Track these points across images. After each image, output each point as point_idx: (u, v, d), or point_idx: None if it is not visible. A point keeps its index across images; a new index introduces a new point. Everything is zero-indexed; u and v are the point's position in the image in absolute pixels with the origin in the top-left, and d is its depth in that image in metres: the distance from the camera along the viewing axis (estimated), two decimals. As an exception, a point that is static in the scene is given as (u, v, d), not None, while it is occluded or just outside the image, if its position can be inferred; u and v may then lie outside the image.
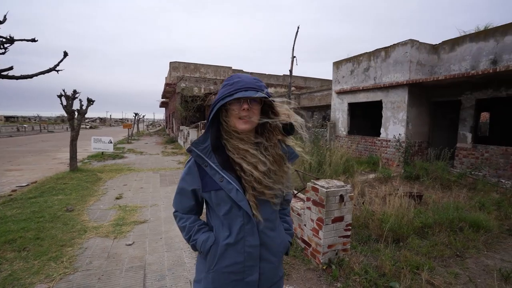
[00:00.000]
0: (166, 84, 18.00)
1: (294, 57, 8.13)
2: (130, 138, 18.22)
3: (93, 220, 3.96)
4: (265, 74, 25.21)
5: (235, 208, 1.03)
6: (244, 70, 24.14)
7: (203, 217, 1.20)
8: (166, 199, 5.13)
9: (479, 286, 2.43)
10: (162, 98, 23.92)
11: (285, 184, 1.11)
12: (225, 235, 1.07)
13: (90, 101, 7.48)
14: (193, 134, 11.48)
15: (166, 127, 28.70)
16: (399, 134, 8.32)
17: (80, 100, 7.30)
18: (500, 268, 2.63)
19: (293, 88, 16.26)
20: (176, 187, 1.16)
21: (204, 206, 1.18)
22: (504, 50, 6.98)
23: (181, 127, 15.47)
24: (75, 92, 6.96)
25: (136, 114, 24.57)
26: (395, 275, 2.52)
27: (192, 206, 1.16)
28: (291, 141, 1.13)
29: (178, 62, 21.43)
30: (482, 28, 8.24)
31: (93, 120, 47.77)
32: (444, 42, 8.58)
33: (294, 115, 1.10)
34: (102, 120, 50.35)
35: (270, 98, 1.04)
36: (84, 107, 7.38)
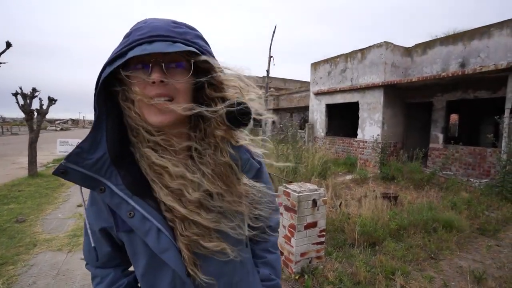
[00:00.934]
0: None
1: (271, 56, 8.03)
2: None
3: (47, 231, 3.56)
4: (244, 75, 25.10)
5: (157, 265, 0.60)
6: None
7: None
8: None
9: (454, 290, 2.37)
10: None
11: (250, 208, 0.67)
12: None
13: (51, 100, 6.92)
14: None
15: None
16: (375, 135, 8.44)
17: (40, 99, 6.72)
18: (473, 270, 2.60)
19: (272, 90, 16.21)
20: None
21: None
22: (471, 54, 7.27)
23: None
24: (34, 90, 6.39)
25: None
26: (370, 282, 2.40)
27: (109, 256, 0.68)
28: (245, 137, 0.66)
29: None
30: (451, 33, 8.57)
31: (65, 121, 45.27)
32: (416, 45, 8.83)
33: (252, 88, 0.63)
34: (75, 122, 47.88)
35: (206, 58, 0.55)
36: (44, 107, 6.80)
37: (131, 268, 0.70)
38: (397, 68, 8.88)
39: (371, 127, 8.76)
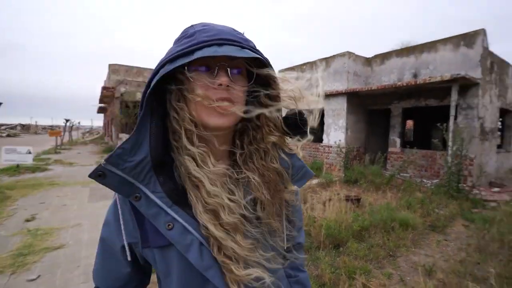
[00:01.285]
0: (104, 88, 16.40)
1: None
2: (59, 147, 16.01)
3: (-13, 251, 3.17)
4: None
5: (198, 284, 0.54)
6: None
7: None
8: (93, 217, 4.45)
9: (409, 283, 2.53)
10: (100, 103, 21.74)
11: (290, 223, 0.65)
12: None
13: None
14: (134, 142, 10.54)
15: (105, 135, 26.17)
16: (340, 140, 8.84)
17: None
18: (425, 264, 2.81)
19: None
20: (106, 203, 0.63)
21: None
22: (422, 66, 7.98)
23: (121, 135, 14.17)
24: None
25: (67, 120, 21.79)
26: (334, 283, 2.48)
27: (125, 277, 0.61)
28: (297, 146, 0.64)
29: (119, 64, 19.80)
30: (405, 45, 9.35)
31: (12, 127, 41.05)
32: (376, 56, 9.48)
33: (308, 96, 0.60)
34: (25, 127, 43.58)
35: (266, 70, 0.55)
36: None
37: None
38: (359, 76, 9.44)
39: (335, 133, 9.17)
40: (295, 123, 0.60)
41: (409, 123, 15.28)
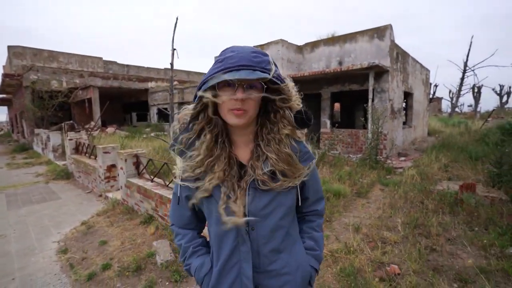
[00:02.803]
0: (5, 75, 13.63)
1: (175, 49, 7.77)
2: None
3: None
4: (144, 67, 23.14)
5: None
6: (118, 62, 21.38)
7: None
8: (19, 225, 3.93)
9: (342, 240, 3.06)
10: (0, 93, 18.05)
11: (304, 186, 0.91)
12: (216, 260, 0.87)
13: None
14: (56, 138, 9.27)
15: (13, 132, 21.99)
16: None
17: None
18: (353, 223, 3.42)
19: (176, 82, 15.61)
20: (32, 208, 0.81)
21: None
22: (345, 54, 8.97)
23: (37, 131, 12.20)
24: None
25: (-44, 116, 17.56)
26: (284, 250, 2.84)
27: (188, 218, 0.95)
28: (303, 136, 0.90)
29: (23, 47, 16.65)
30: (331, 35, 10.29)
31: None
32: (306, 44, 10.20)
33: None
34: None
35: (276, 80, 0.76)
36: None
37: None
38: (292, 63, 10.07)
39: (275, 117, 9.70)
40: (302, 119, 0.84)
41: (337, 105, 17.09)
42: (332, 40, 9.36)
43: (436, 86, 23.80)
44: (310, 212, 0.99)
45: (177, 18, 8.58)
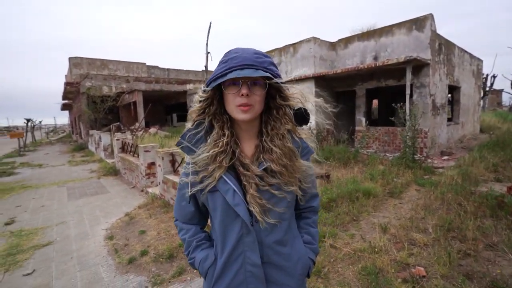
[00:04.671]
0: (67, 84, 15.48)
1: (208, 53, 8.14)
2: (22, 149, 15.09)
3: (-27, 255, 3.22)
4: (183, 70, 24.37)
5: (231, 215, 0.86)
6: (160, 66, 22.83)
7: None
8: (76, 214, 4.53)
9: (367, 239, 3.02)
10: (63, 99, 20.49)
11: (302, 181, 0.92)
12: (220, 251, 0.91)
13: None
14: (106, 139, 10.32)
15: (73, 133, 24.82)
16: (310, 123, 9.29)
17: None
18: (381, 223, 3.33)
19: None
20: (87, 200, 1.00)
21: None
22: (381, 49, 8.56)
23: (91, 132, 13.67)
24: None
25: (28, 120, 20.39)
26: (306, 246, 2.90)
27: (192, 214, 0.98)
28: (304, 132, 0.94)
29: (80, 57, 18.73)
30: (366, 29, 9.89)
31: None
32: (340, 40, 9.94)
33: (311, 98, 0.92)
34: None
35: (277, 80, 0.81)
36: None
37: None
38: (324, 61, 9.89)
39: (306, 116, 9.62)
40: (301, 117, 0.90)
41: (375, 102, 16.27)
42: (367, 35, 8.99)
43: (494, 77, 21.35)
44: (307, 209, 1.04)
45: (210, 23, 8.98)
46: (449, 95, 9.78)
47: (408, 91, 7.01)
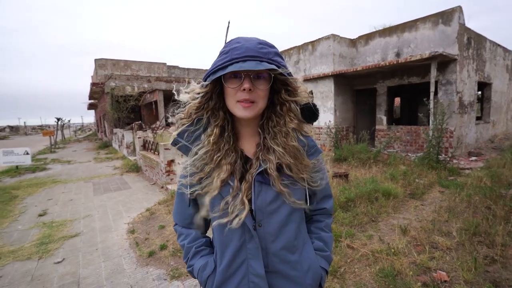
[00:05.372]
0: (93, 84, 16.25)
1: (228, 52, 8.19)
2: (53, 146, 16.04)
3: (9, 243, 3.48)
4: (203, 69, 24.77)
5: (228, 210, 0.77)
6: (180, 66, 23.33)
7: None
8: (101, 208, 4.77)
9: (386, 241, 2.94)
10: (89, 99, 21.53)
11: (310, 181, 0.83)
12: (220, 259, 0.82)
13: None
14: (128, 137, 10.73)
15: (98, 131, 26.02)
16: (329, 121, 9.18)
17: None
18: (401, 225, 3.23)
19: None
20: (111, 195, 0.93)
21: None
22: (404, 45, 8.25)
23: (115, 130, 14.26)
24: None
25: (58, 119, 21.62)
26: (322, 246, 2.88)
27: (192, 217, 0.90)
28: (311, 130, 0.86)
29: (105, 59, 19.55)
30: (387, 25, 9.55)
31: (1, 129, 40.30)
32: (360, 37, 9.68)
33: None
34: (14, 129, 42.75)
35: (283, 70, 0.73)
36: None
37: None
38: (344, 58, 9.67)
39: (325, 114, 9.49)
40: (309, 113, 0.82)
41: (397, 100, 15.69)
42: (389, 31, 8.69)
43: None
44: (318, 211, 0.94)
45: (229, 22, 9.05)
46: (479, 92, 9.25)
47: (432, 89, 6.71)
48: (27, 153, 9.03)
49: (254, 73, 0.73)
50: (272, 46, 0.77)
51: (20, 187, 6.58)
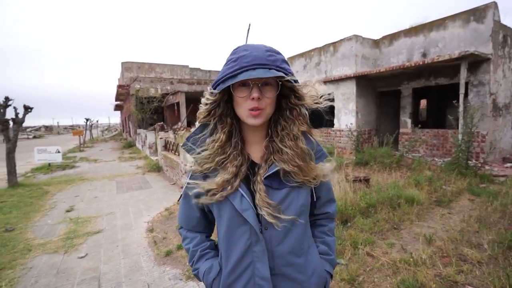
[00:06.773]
0: (119, 86, 17.00)
1: (247, 54, 8.23)
2: (82, 145, 16.94)
3: (39, 237, 3.69)
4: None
5: (239, 222, 0.78)
6: (202, 68, 23.78)
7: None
8: (123, 206, 4.94)
9: (409, 250, 2.79)
10: (116, 100, 22.54)
11: (317, 181, 0.84)
12: (225, 262, 0.83)
13: (27, 109, 6.82)
14: (151, 137, 11.08)
15: (123, 131, 27.15)
16: (350, 124, 8.94)
17: (14, 108, 6.61)
18: (425, 233, 3.05)
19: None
20: (132, 194, 0.95)
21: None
22: (431, 44, 7.87)
23: (138, 131, 14.80)
24: (7, 99, 6.29)
25: (87, 119, 22.83)
26: (340, 252, 2.78)
27: (197, 220, 0.91)
28: (318, 135, 0.87)
29: (131, 62, 20.38)
30: (414, 25, 9.16)
31: (37, 128, 43.22)
32: (384, 37, 9.37)
33: (320, 88, 0.85)
34: (48, 128, 45.72)
35: (291, 78, 0.75)
36: (20, 116, 6.70)
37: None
38: (367, 59, 9.40)
39: (346, 116, 9.26)
40: (317, 117, 0.83)
41: (423, 102, 14.98)
42: (415, 30, 8.33)
43: None
44: (322, 215, 0.96)
45: (249, 24, 9.09)
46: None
47: (462, 90, 6.33)
48: (59, 152, 9.60)
49: (262, 81, 0.74)
50: (279, 53, 0.78)
51: (51, 183, 7.00)
